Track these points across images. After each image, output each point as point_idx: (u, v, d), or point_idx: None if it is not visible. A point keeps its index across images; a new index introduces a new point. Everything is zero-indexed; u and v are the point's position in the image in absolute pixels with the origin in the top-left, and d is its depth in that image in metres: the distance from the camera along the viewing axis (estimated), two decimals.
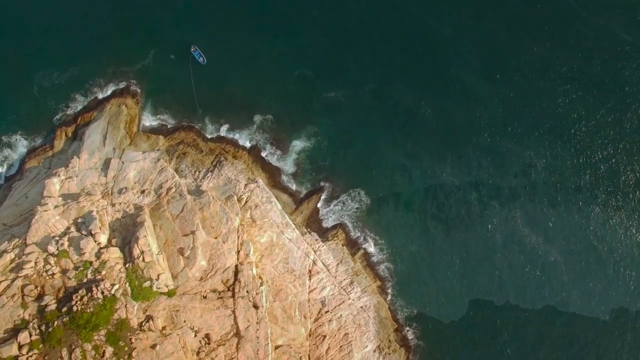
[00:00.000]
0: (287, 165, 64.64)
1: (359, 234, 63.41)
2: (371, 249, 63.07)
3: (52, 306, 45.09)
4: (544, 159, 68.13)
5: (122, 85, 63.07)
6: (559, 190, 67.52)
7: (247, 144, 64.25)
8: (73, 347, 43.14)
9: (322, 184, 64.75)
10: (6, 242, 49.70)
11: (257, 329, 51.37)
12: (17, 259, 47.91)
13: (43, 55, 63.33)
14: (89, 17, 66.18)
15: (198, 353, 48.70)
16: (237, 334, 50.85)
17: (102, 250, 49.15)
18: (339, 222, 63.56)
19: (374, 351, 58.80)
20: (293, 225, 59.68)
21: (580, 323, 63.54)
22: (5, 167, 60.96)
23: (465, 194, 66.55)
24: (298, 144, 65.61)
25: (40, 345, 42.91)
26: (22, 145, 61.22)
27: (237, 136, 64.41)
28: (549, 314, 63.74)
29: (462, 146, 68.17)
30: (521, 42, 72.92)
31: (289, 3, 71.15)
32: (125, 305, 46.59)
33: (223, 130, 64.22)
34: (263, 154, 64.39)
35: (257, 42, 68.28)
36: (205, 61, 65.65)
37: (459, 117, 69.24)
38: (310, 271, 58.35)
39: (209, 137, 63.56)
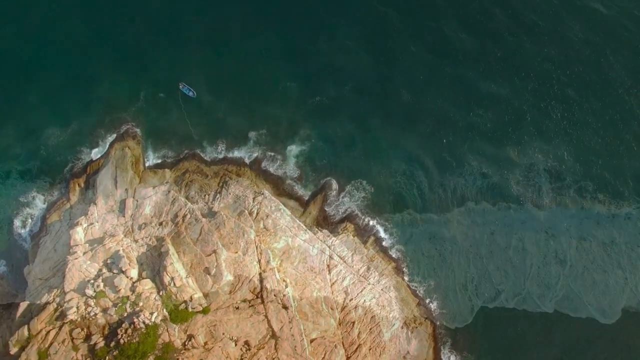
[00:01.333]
0: (289, 172, 68.08)
1: (367, 222, 66.61)
2: (381, 234, 66.41)
3: (101, 343, 48.93)
4: (543, 152, 72.48)
5: (121, 129, 66.81)
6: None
7: (247, 160, 67.78)
8: None
9: (323, 181, 68.32)
10: (46, 294, 53.64)
11: (291, 327, 55.03)
12: (59, 307, 51.78)
13: (44, 117, 67.09)
14: (77, 75, 69.98)
15: None
16: (274, 335, 54.57)
17: (135, 284, 52.97)
18: (347, 214, 66.69)
19: (402, 328, 62.20)
20: (304, 227, 63.11)
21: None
22: (28, 227, 63.94)
23: (460, 169, 70.52)
24: (294, 149, 69.35)
25: None
26: (39, 201, 64.42)
27: (236, 155, 67.94)
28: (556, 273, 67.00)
29: (445, 129, 72.75)
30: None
31: (257, 29, 75.84)
32: (167, 329, 50.39)
33: (222, 153, 67.83)
34: (264, 167, 67.80)
35: (239, 68, 72.76)
36: (195, 94, 69.45)
37: (436, 98, 74.22)
38: (328, 266, 61.77)
39: (211, 161, 67.09)
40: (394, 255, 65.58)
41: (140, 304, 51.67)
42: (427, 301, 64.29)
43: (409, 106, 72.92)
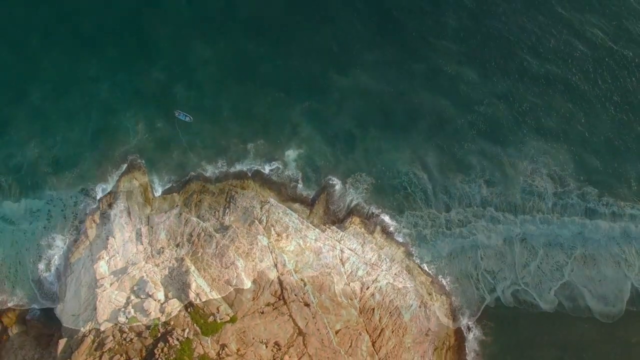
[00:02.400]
0: (290, 176, 70.78)
1: (372, 212, 69.36)
2: (387, 221, 69.21)
3: None
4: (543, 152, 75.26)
5: (126, 162, 69.42)
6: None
7: (249, 173, 70.46)
8: None
9: (325, 181, 71.07)
10: (82, 328, 56.66)
11: (315, 323, 58.03)
12: (96, 338, 54.77)
13: (49, 162, 69.57)
14: (76, 113, 72.53)
15: None
16: (300, 332, 57.53)
17: (163, 305, 55.91)
18: (352, 207, 69.44)
19: (420, 307, 65.04)
20: (313, 227, 65.85)
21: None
22: (53, 268, 66.36)
23: (462, 169, 73.57)
24: (292, 153, 72.14)
25: None
26: (60, 242, 66.73)
27: (238, 169, 70.51)
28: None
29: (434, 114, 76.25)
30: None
31: (244, 42, 78.85)
32: (200, 342, 53.37)
33: (225, 169, 70.48)
34: (266, 175, 70.40)
35: (228, 86, 75.34)
36: (192, 119, 72.21)
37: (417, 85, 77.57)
38: (341, 260, 64.53)
39: (215, 179, 69.61)
40: (401, 240, 68.38)
41: (172, 323, 54.70)
42: (440, 278, 67.23)
43: (403, 106, 76.36)
